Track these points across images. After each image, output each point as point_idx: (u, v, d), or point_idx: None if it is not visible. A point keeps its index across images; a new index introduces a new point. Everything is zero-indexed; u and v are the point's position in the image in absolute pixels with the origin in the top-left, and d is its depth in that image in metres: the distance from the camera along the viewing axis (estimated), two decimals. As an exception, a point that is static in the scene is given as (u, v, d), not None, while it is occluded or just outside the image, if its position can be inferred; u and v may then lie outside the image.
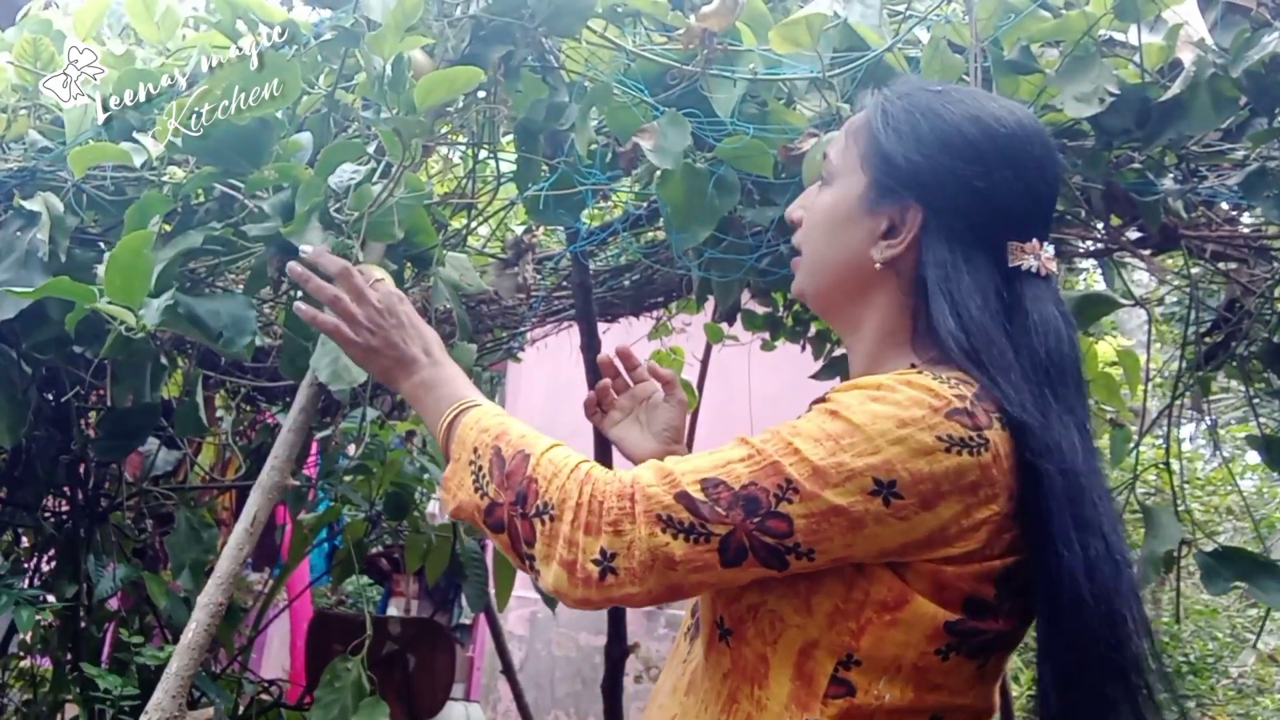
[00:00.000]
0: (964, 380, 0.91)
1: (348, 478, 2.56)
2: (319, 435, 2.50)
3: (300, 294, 1.19)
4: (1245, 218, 1.85)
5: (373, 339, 1.12)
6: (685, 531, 0.86)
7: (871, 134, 1.01)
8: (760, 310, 2.66)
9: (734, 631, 0.94)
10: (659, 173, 1.40)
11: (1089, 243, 2.00)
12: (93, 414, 2.27)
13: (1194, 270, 1.81)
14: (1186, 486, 2.11)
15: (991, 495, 0.87)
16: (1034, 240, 0.97)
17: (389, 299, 1.13)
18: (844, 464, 0.85)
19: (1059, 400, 0.92)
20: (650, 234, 2.31)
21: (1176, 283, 2.08)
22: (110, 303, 1.24)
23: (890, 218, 0.98)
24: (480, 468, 1.00)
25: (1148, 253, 1.85)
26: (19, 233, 1.47)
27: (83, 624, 2.37)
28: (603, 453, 2.51)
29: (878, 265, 0.98)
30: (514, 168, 1.61)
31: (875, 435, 0.86)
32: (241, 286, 1.65)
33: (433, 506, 4.48)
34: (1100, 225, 1.85)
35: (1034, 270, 0.96)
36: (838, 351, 2.74)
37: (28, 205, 1.46)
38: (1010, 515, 0.89)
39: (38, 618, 2.43)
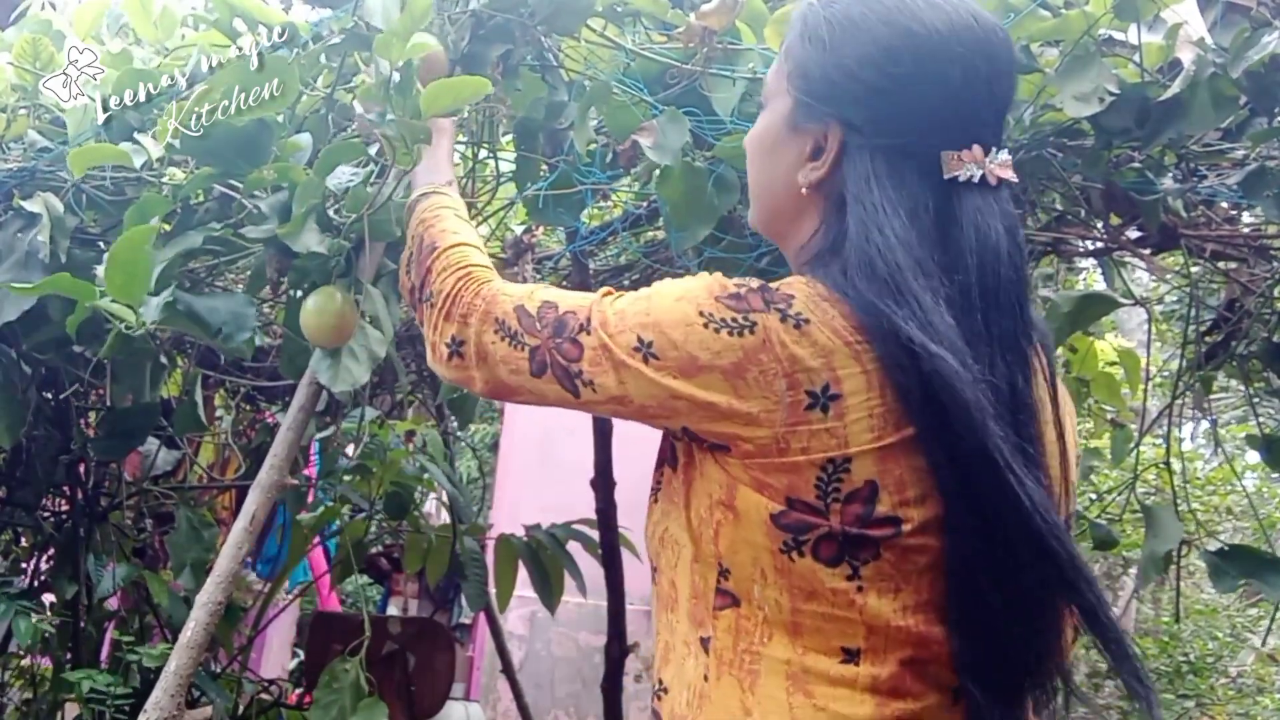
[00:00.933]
0: (787, 284, 0.89)
1: (347, 477, 2.56)
2: (319, 435, 2.50)
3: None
4: (1245, 217, 1.85)
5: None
6: (509, 336, 0.97)
7: (793, 50, 0.97)
8: (760, 310, 2.66)
9: (656, 567, 0.98)
10: (658, 171, 1.40)
11: (1089, 242, 2.00)
12: (92, 413, 2.28)
13: (1194, 270, 1.81)
14: (1187, 486, 2.11)
15: (765, 383, 0.85)
16: (975, 148, 0.90)
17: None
18: (625, 315, 0.90)
19: (990, 322, 0.86)
20: (650, 233, 2.30)
21: (1176, 282, 2.08)
22: (110, 300, 1.24)
23: (815, 138, 0.94)
24: (411, 253, 1.16)
25: (1147, 252, 1.85)
26: (19, 233, 1.47)
27: (82, 624, 2.37)
28: (603, 448, 2.51)
29: (803, 190, 0.95)
30: (513, 167, 1.61)
31: (655, 303, 0.90)
32: (241, 286, 1.65)
33: (431, 506, 4.48)
34: (1100, 224, 1.85)
35: (974, 179, 0.89)
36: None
37: (27, 206, 1.46)
38: (810, 408, 0.84)
39: (35, 619, 2.44)
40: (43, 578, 2.46)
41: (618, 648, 2.76)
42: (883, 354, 0.84)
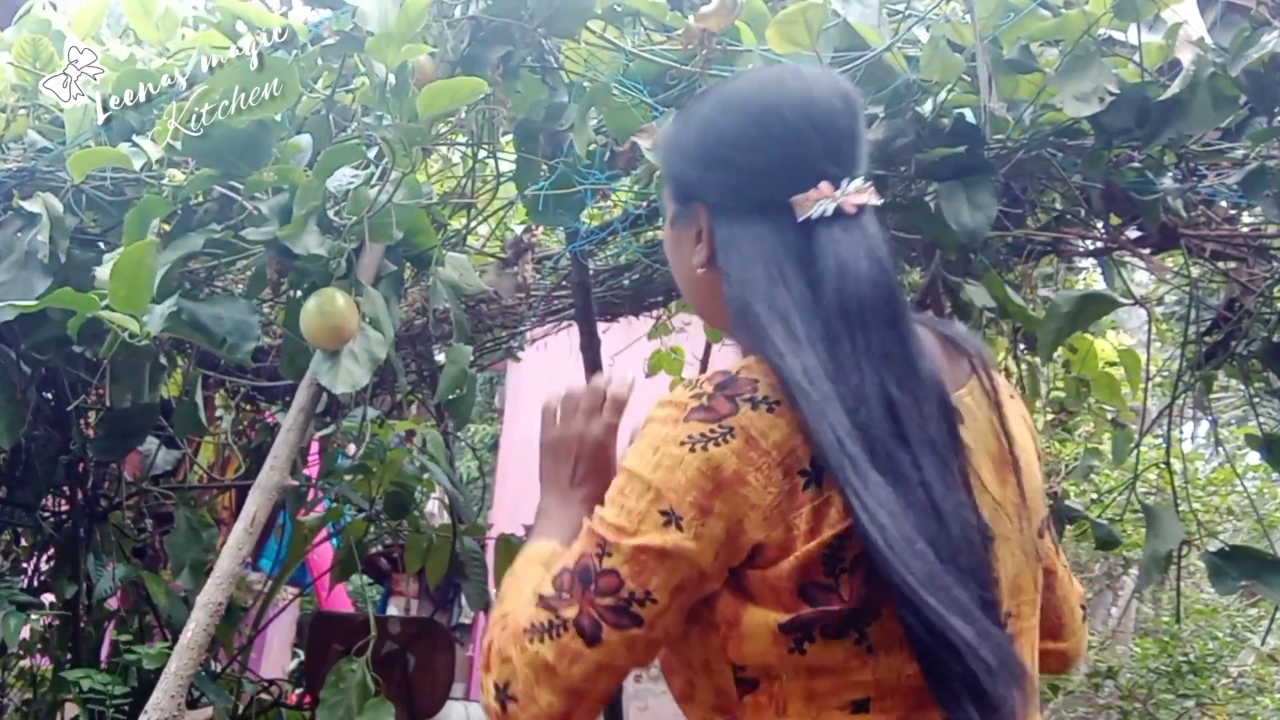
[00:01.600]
0: (745, 367, 0.92)
1: (348, 477, 2.56)
2: (319, 434, 2.50)
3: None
4: (1245, 217, 1.85)
5: (561, 443, 1.12)
6: (547, 631, 0.91)
7: (662, 163, 1.08)
8: (760, 310, 2.66)
9: (668, 665, 1.00)
10: (658, 172, 1.40)
11: (1089, 242, 2.00)
12: (92, 414, 2.28)
13: (1194, 269, 1.81)
14: (1187, 486, 2.11)
15: (767, 477, 0.87)
16: (822, 185, 0.95)
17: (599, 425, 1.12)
18: (631, 509, 0.90)
19: (857, 344, 0.90)
20: (650, 233, 2.30)
21: (1176, 282, 2.08)
22: (113, 311, 1.24)
23: (695, 227, 1.01)
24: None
25: (1147, 252, 1.85)
26: (18, 233, 1.47)
27: (82, 624, 2.37)
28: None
29: (699, 272, 1.01)
30: (513, 168, 1.61)
31: (642, 472, 0.90)
32: (241, 287, 1.65)
33: (432, 506, 4.48)
34: (1100, 224, 1.85)
35: (827, 213, 0.94)
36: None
37: (27, 206, 1.46)
38: (806, 486, 0.87)
39: (36, 617, 2.44)
40: (43, 578, 2.46)
41: (618, 648, 2.75)
42: None
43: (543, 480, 1.13)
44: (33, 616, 2.48)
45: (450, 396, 1.64)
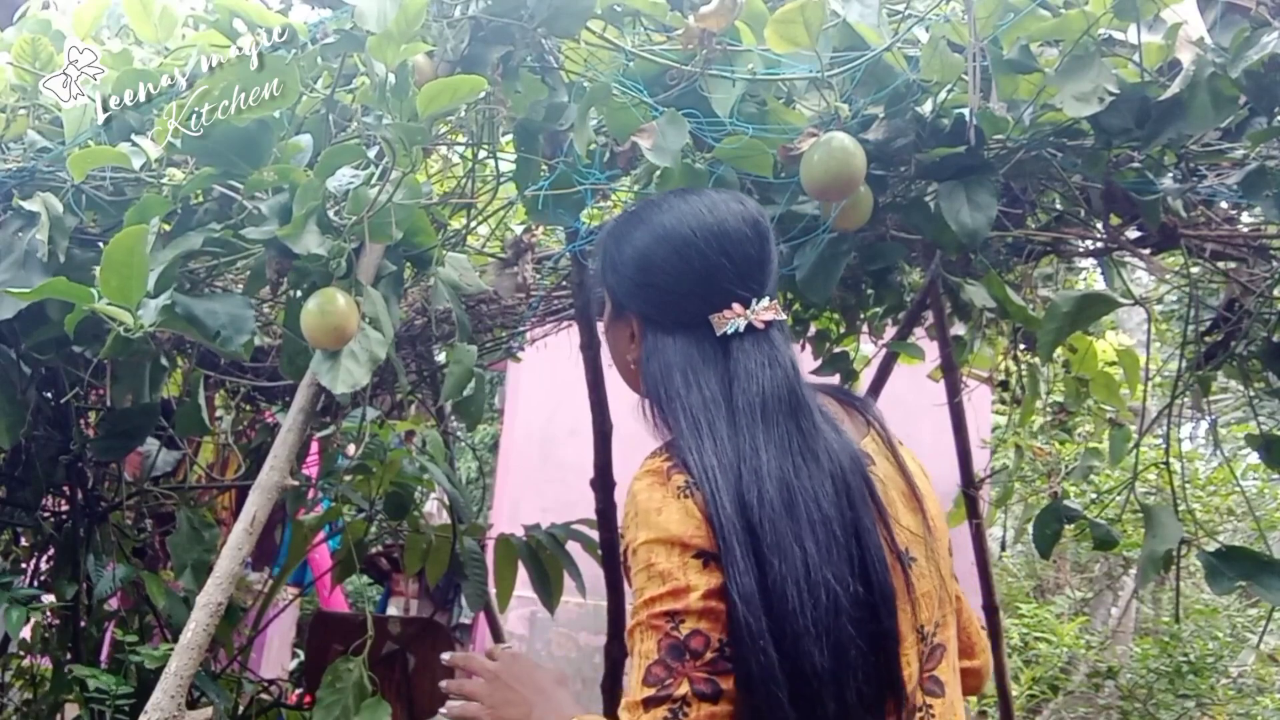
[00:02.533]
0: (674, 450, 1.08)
1: (347, 478, 2.56)
2: (319, 435, 2.50)
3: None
4: (1244, 217, 1.85)
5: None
6: (674, 717, 0.98)
7: (600, 266, 1.23)
8: (760, 310, 2.66)
9: None
10: (658, 172, 1.40)
11: (1089, 242, 2.00)
12: (92, 414, 2.27)
13: (1193, 270, 1.81)
14: (1187, 486, 2.11)
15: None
16: (735, 306, 1.12)
17: (502, 668, 1.23)
18: (671, 571, 1.01)
19: (758, 437, 1.06)
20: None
21: (1176, 282, 2.08)
22: (108, 303, 1.24)
23: (630, 327, 1.19)
24: None
25: (1147, 252, 1.85)
26: (18, 233, 1.47)
27: (82, 624, 2.37)
28: (603, 449, 2.51)
29: (633, 366, 1.19)
30: (513, 167, 1.61)
31: (661, 535, 1.02)
32: (241, 287, 1.65)
33: (431, 506, 4.47)
34: (1100, 225, 1.85)
35: (740, 330, 1.12)
36: (837, 350, 2.75)
37: (27, 206, 1.46)
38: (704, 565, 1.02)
39: (37, 617, 2.44)
40: (43, 578, 2.46)
41: (618, 648, 2.75)
42: None
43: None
44: (33, 617, 2.48)
45: (458, 397, 1.63)
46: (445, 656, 1.28)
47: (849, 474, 1.08)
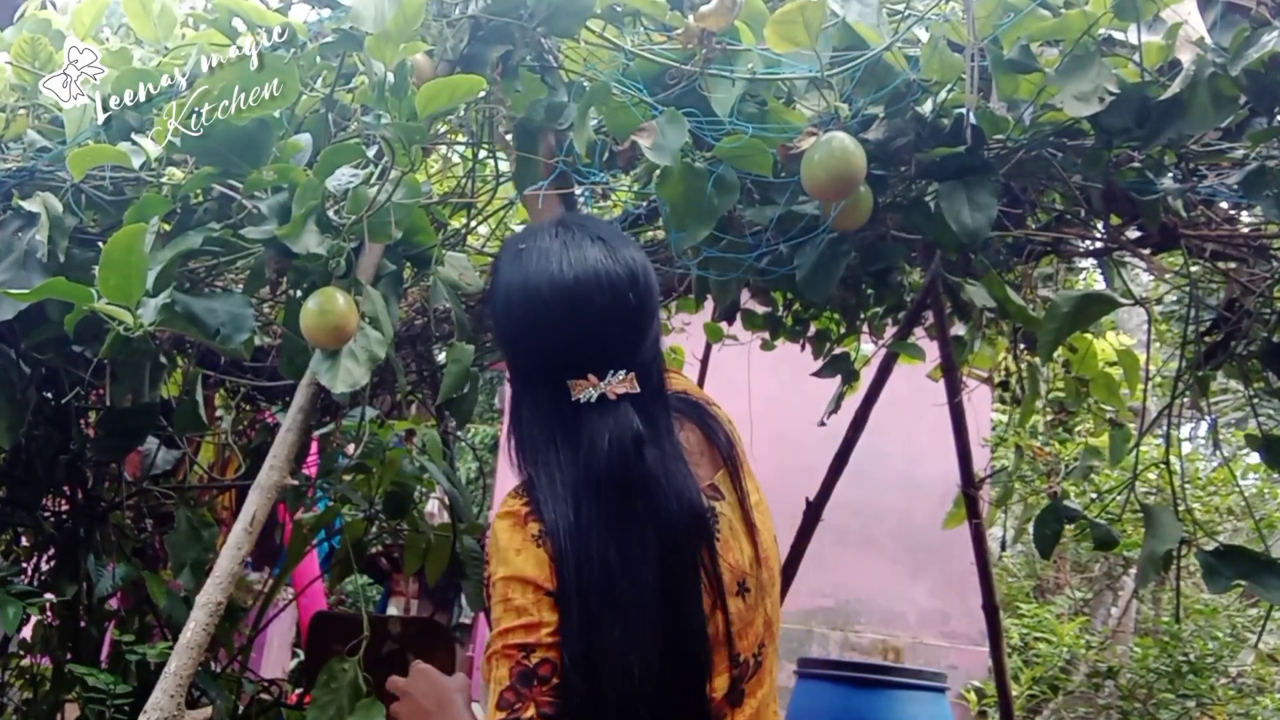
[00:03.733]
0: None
1: (347, 477, 2.56)
2: (318, 433, 2.50)
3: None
4: (1245, 217, 1.84)
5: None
6: None
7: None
8: (760, 310, 2.66)
9: None
10: (658, 172, 1.40)
11: (1089, 242, 2.00)
12: (92, 413, 2.27)
13: (1193, 269, 1.81)
14: (1187, 486, 2.11)
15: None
16: (590, 376, 1.14)
17: (409, 684, 1.33)
18: (525, 606, 1.11)
19: (592, 510, 1.12)
20: (649, 233, 2.30)
21: (1176, 282, 2.08)
22: (107, 303, 1.24)
23: (506, 365, 1.24)
24: None
25: (1147, 252, 1.85)
26: (18, 233, 1.47)
27: (82, 624, 2.37)
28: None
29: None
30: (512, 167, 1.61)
31: (517, 574, 1.12)
32: (241, 287, 1.65)
33: (431, 506, 4.47)
34: (1100, 224, 1.85)
35: (592, 400, 1.14)
36: (837, 351, 2.75)
37: (26, 205, 1.46)
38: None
39: (38, 617, 2.44)
40: (43, 578, 2.46)
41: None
42: None
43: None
44: (34, 617, 2.48)
45: (451, 396, 1.64)
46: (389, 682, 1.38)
47: (682, 538, 1.14)
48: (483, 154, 1.73)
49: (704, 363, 3.38)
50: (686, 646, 1.13)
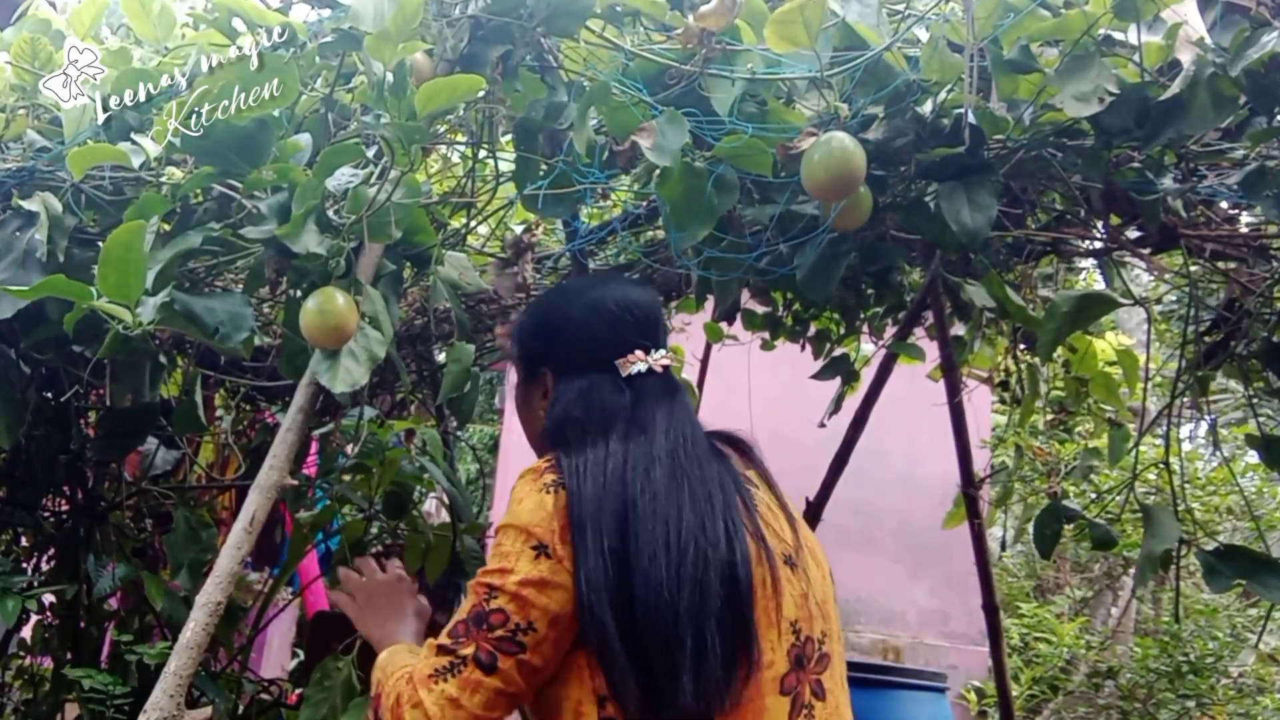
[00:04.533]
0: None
1: (346, 477, 2.56)
2: (318, 433, 2.50)
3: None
4: (1244, 217, 1.84)
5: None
6: (449, 670, 1.15)
7: (515, 343, 1.45)
8: (760, 310, 2.66)
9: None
10: (658, 171, 1.40)
11: (1088, 242, 2.00)
12: (92, 413, 2.27)
13: (1193, 269, 1.81)
14: (1186, 486, 2.11)
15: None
16: (636, 352, 1.33)
17: (377, 585, 1.54)
18: (508, 552, 1.19)
19: (658, 435, 1.25)
20: (650, 233, 2.30)
21: (1176, 282, 2.08)
22: (107, 301, 1.24)
23: (543, 386, 1.38)
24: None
25: (1147, 252, 1.85)
26: (17, 233, 1.47)
27: (82, 624, 2.37)
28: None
29: (542, 414, 1.38)
30: (513, 167, 1.61)
31: (513, 520, 1.20)
32: (240, 287, 1.65)
33: (430, 505, 4.47)
34: (1100, 224, 1.85)
35: (642, 371, 1.32)
36: (838, 351, 2.74)
37: (26, 205, 1.46)
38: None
39: (38, 617, 2.43)
40: (43, 578, 2.46)
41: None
42: None
43: (373, 638, 1.46)
44: (34, 617, 2.48)
45: (452, 396, 1.64)
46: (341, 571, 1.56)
47: (730, 479, 1.27)
48: (482, 154, 1.73)
49: (704, 363, 3.37)
50: (739, 546, 1.19)
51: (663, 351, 1.35)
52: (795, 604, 1.24)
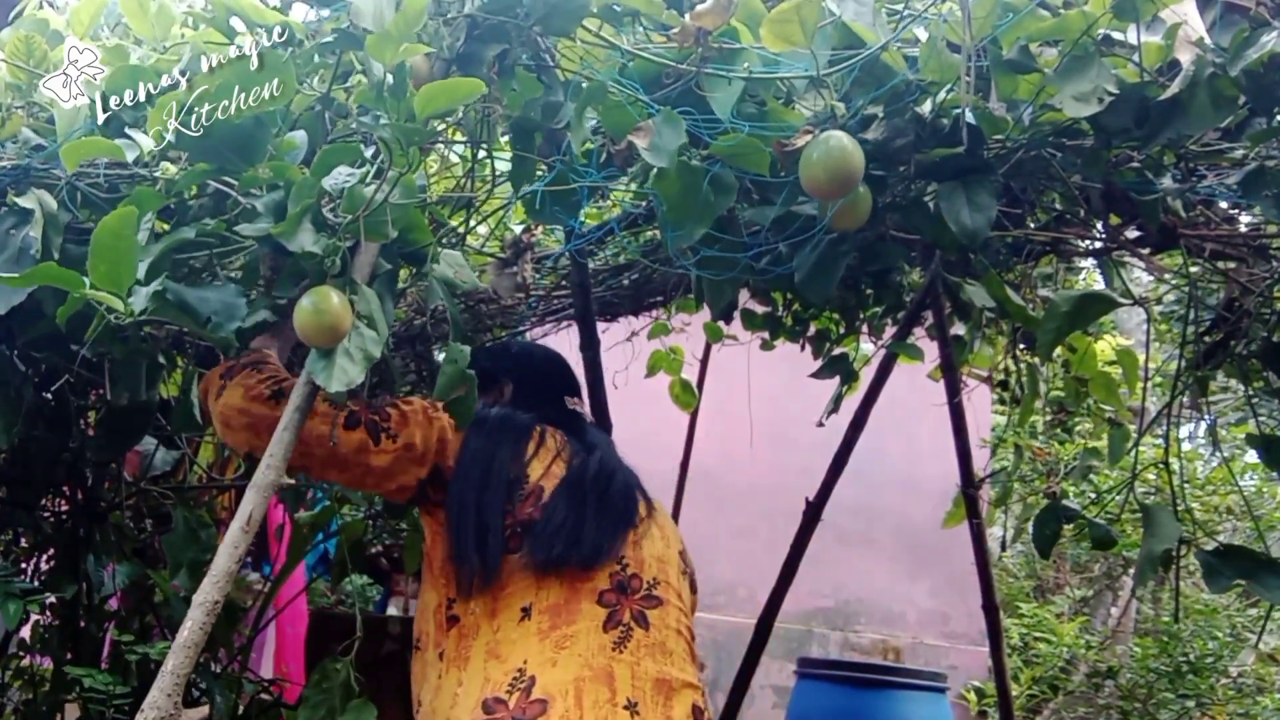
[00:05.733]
0: None
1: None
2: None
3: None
4: (1244, 217, 1.84)
5: None
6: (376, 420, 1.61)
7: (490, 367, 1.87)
8: (759, 310, 2.66)
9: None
10: (655, 171, 1.40)
11: (1088, 242, 2.00)
12: (91, 413, 2.27)
13: (1193, 269, 1.81)
14: (1186, 486, 2.10)
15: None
16: (576, 397, 1.90)
17: None
18: (413, 409, 1.65)
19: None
20: (649, 233, 2.30)
21: (1175, 282, 2.08)
22: (97, 289, 1.24)
23: (495, 393, 1.84)
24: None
25: (1146, 252, 1.84)
26: (12, 230, 1.47)
27: (82, 624, 2.37)
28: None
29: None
30: (510, 166, 1.60)
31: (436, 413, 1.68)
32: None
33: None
34: (1099, 224, 1.85)
35: (578, 409, 1.87)
36: (837, 351, 2.74)
37: (21, 202, 1.45)
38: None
39: (38, 617, 2.43)
40: (43, 578, 2.46)
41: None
42: None
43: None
44: (34, 617, 2.48)
45: (451, 397, 1.63)
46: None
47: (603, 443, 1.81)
48: (481, 154, 1.72)
49: (704, 363, 3.37)
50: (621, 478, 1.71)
51: (579, 398, 1.94)
52: (644, 549, 1.64)
